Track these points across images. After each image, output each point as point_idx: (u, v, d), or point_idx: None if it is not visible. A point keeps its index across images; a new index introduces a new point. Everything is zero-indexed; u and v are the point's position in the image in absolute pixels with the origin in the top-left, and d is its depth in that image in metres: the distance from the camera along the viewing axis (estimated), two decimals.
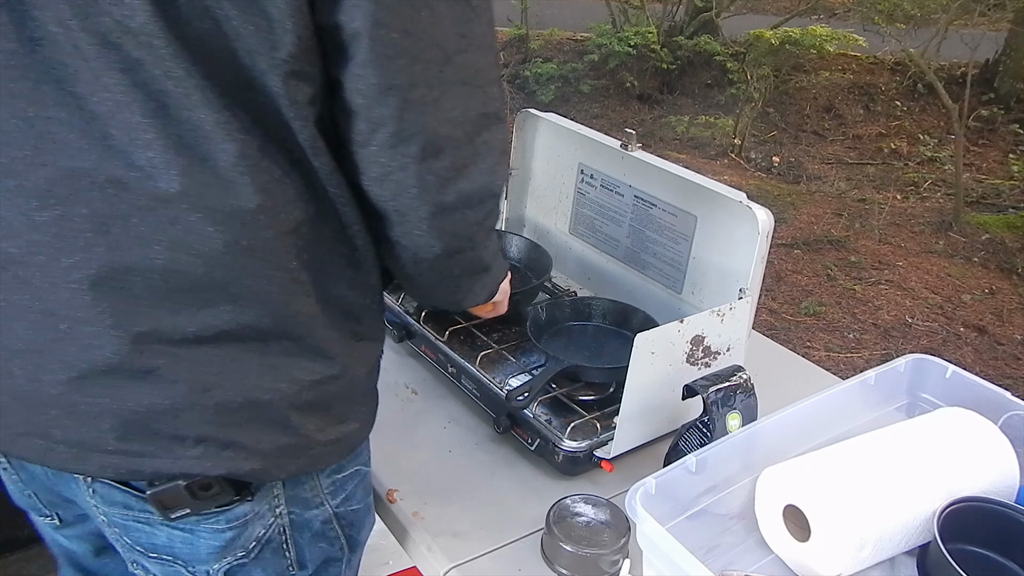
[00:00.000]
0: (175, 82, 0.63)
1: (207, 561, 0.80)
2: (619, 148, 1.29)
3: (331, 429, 0.80)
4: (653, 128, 5.96)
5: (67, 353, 0.69)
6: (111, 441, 0.71)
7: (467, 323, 1.29)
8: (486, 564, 0.95)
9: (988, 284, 3.90)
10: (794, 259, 4.07)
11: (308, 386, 0.76)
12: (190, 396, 0.71)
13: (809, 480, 0.87)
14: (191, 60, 0.63)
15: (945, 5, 5.26)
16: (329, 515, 0.87)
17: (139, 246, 0.67)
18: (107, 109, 0.63)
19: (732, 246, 1.17)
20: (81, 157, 0.65)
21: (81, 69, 0.63)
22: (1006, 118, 5.83)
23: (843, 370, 3.08)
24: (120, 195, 0.65)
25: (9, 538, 1.79)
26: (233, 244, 0.68)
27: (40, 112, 0.64)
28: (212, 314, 0.70)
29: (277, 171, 0.69)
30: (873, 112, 6.14)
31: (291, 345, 0.74)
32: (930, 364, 1.06)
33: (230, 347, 0.72)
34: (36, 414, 0.71)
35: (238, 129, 0.66)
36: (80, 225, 0.66)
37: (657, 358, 1.02)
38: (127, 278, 0.67)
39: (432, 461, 1.11)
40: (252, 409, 0.74)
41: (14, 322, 0.69)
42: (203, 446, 0.73)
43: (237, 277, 0.70)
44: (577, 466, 1.07)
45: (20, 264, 0.68)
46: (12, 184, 0.66)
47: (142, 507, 0.76)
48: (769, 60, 5.89)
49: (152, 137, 0.64)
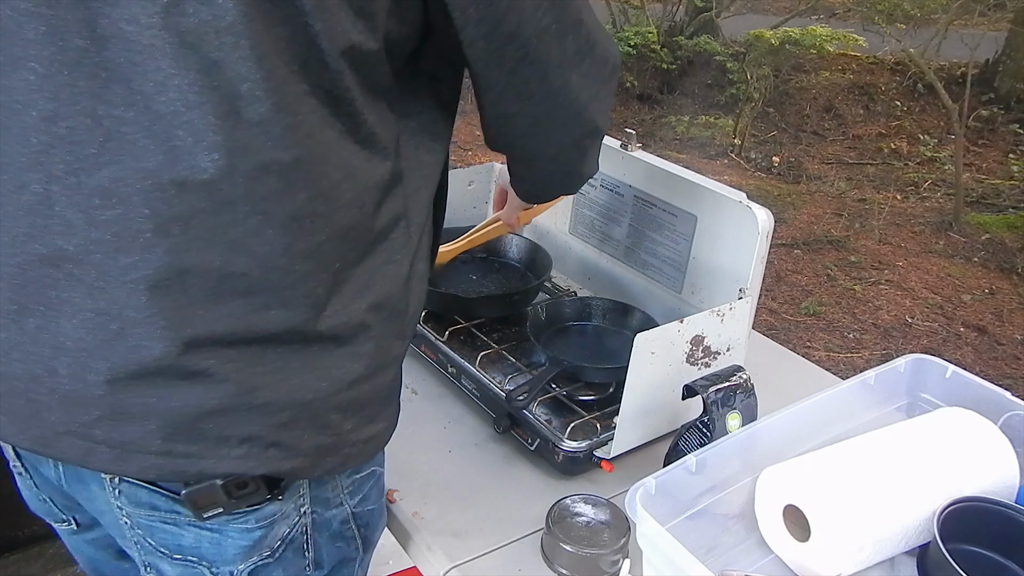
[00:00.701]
0: (251, 85, 0.64)
1: (233, 561, 0.80)
2: (619, 148, 1.29)
3: (364, 429, 0.81)
4: (653, 128, 5.96)
5: (116, 353, 0.69)
6: (156, 442, 0.71)
7: (467, 323, 1.29)
8: (486, 564, 0.95)
9: (988, 284, 3.90)
10: (794, 259, 4.07)
11: (346, 386, 0.77)
12: (237, 397, 0.71)
13: (809, 480, 0.87)
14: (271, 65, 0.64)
15: (945, 5, 5.26)
16: (347, 515, 0.88)
17: (198, 248, 0.67)
18: (174, 110, 0.63)
19: (732, 246, 1.17)
20: (146, 158, 0.65)
21: (151, 69, 0.63)
22: (1006, 118, 5.83)
23: (843, 370, 3.08)
24: (182, 197, 0.65)
25: (9, 538, 1.79)
26: (290, 247, 0.69)
27: (108, 110, 0.64)
28: (264, 317, 0.70)
29: (340, 175, 0.70)
30: (873, 112, 6.15)
31: (332, 345, 0.75)
32: (930, 364, 1.06)
33: (277, 348, 0.72)
34: (79, 414, 0.71)
35: (307, 134, 0.67)
36: (141, 225, 0.66)
37: (657, 358, 1.02)
38: (184, 280, 0.68)
39: (432, 461, 1.11)
40: (295, 409, 0.74)
41: (64, 320, 0.69)
42: (247, 446, 0.73)
43: (290, 281, 0.71)
44: (577, 466, 1.07)
45: (75, 262, 0.67)
46: (74, 181, 0.66)
47: (170, 507, 0.77)
48: (769, 60, 5.89)
49: (220, 140, 0.64)
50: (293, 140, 0.67)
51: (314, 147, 0.68)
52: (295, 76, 0.65)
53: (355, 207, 0.73)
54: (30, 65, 0.64)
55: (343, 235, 0.73)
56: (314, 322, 0.73)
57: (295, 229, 0.69)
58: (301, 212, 0.69)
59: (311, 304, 0.72)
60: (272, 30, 0.63)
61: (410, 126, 0.79)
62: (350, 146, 0.71)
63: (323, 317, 0.74)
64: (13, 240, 0.68)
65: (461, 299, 1.31)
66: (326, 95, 0.68)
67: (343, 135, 0.70)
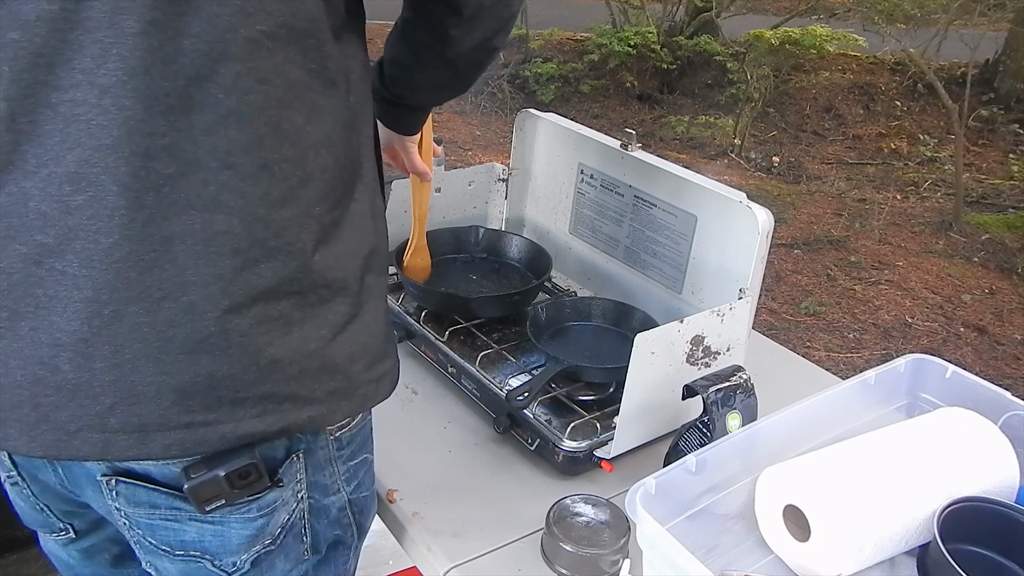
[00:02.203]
0: (192, 40, 0.63)
1: (236, 552, 0.80)
2: (619, 148, 1.29)
3: (375, 367, 0.82)
4: (653, 128, 5.96)
5: (116, 336, 0.68)
6: (174, 416, 0.71)
7: (467, 323, 1.29)
8: (486, 564, 0.95)
9: (988, 284, 3.90)
10: (794, 259, 4.07)
11: (341, 328, 0.77)
12: (245, 359, 0.71)
13: (809, 480, 0.87)
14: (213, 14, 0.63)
15: (945, 5, 5.26)
16: (345, 501, 0.89)
17: (176, 214, 0.67)
18: (118, 79, 0.63)
19: (732, 246, 1.17)
20: (104, 135, 0.64)
21: (87, 43, 0.62)
22: (1006, 118, 5.83)
23: (843, 370, 3.08)
24: (148, 166, 0.65)
25: (9, 538, 1.79)
26: (266, 196, 0.69)
27: (61, 96, 0.64)
28: (256, 272, 0.70)
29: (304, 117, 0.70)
30: (873, 112, 6.15)
31: (325, 292, 0.76)
32: (930, 364, 1.06)
33: (274, 304, 0.72)
34: (89, 407, 0.70)
35: (260, 79, 0.67)
36: (115, 203, 0.65)
37: (657, 358, 1.02)
38: (171, 248, 0.67)
39: (432, 461, 1.11)
40: (302, 361, 0.75)
41: (56, 316, 0.68)
42: (262, 404, 0.73)
43: (274, 231, 0.70)
44: (577, 466, 1.07)
45: (56, 254, 0.67)
46: (45, 173, 0.66)
47: (169, 504, 0.77)
48: (769, 60, 5.89)
49: (172, 101, 0.64)
50: (247, 87, 0.66)
51: (272, 91, 0.67)
52: (244, 21, 0.65)
53: (323, 147, 0.73)
54: None
55: (317, 177, 0.73)
56: (307, 270, 0.73)
57: (267, 177, 0.69)
58: (269, 159, 0.69)
59: (299, 251, 0.72)
60: None
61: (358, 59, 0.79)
62: (315, 85, 0.71)
63: (314, 263, 0.74)
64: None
65: (461, 299, 1.31)
66: (289, 33, 0.67)
67: (310, 75, 0.70)
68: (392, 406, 1.20)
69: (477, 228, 1.48)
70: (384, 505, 1.04)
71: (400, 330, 1.33)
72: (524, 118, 1.48)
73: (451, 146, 5.20)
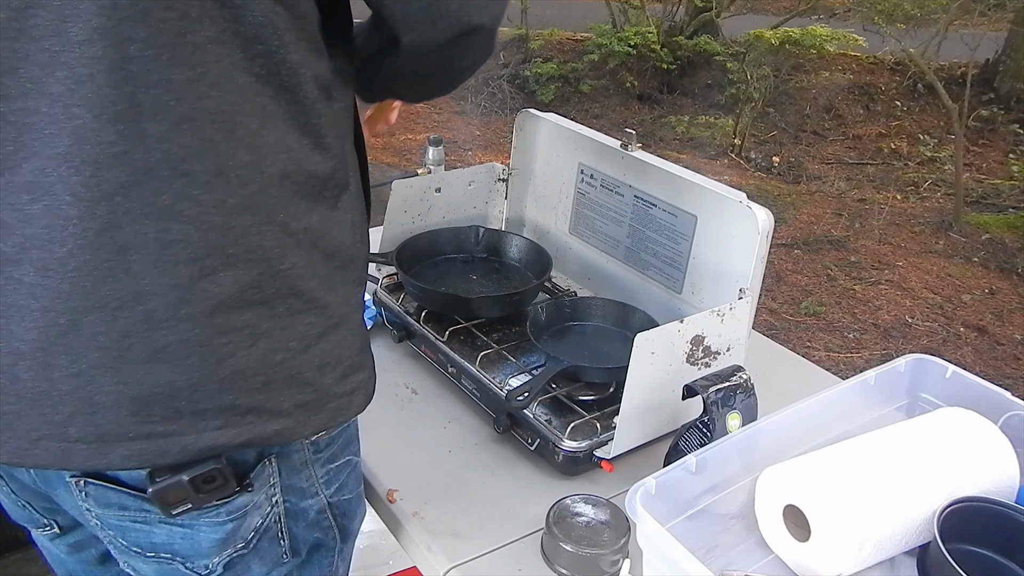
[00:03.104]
0: (140, 45, 0.62)
1: (208, 555, 0.80)
2: (619, 148, 1.29)
3: (347, 380, 0.80)
4: (653, 128, 5.96)
5: (73, 346, 0.68)
6: (133, 426, 0.70)
7: (467, 323, 1.29)
8: (486, 564, 0.95)
9: (988, 284, 3.90)
10: (794, 259, 4.07)
11: (315, 340, 0.76)
12: (204, 369, 0.71)
13: (809, 480, 0.87)
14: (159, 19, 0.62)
15: (945, 5, 5.26)
16: (323, 505, 0.88)
17: (130, 223, 0.66)
18: (66, 88, 0.62)
19: (732, 246, 1.17)
20: (55, 143, 0.63)
21: (33, 51, 0.62)
22: (1006, 118, 5.83)
23: (843, 370, 3.08)
24: (100, 175, 0.64)
25: (9, 538, 1.79)
26: (222, 203, 0.68)
27: (10, 105, 0.63)
28: (213, 281, 0.69)
29: (258, 122, 0.69)
30: (873, 112, 6.15)
31: (294, 302, 0.74)
32: (930, 364, 1.06)
33: (239, 314, 0.71)
34: (49, 416, 0.70)
35: (212, 84, 0.65)
36: (69, 212, 0.65)
37: (657, 358, 1.02)
38: (125, 258, 0.66)
39: (432, 461, 1.11)
40: (267, 372, 0.73)
41: (14, 324, 0.68)
42: (225, 416, 0.72)
43: (232, 238, 0.69)
44: (577, 466, 1.07)
45: (14, 263, 0.67)
46: (3, 182, 0.65)
47: (138, 506, 0.76)
48: (769, 60, 5.89)
49: (122, 108, 0.63)
50: (198, 93, 0.65)
51: (224, 96, 0.66)
52: (191, 25, 0.63)
53: (282, 153, 0.71)
54: None
55: (278, 183, 0.71)
56: (270, 279, 0.72)
57: (222, 184, 0.68)
58: (225, 165, 0.67)
59: (260, 259, 0.71)
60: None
61: (333, 66, 0.76)
62: (266, 91, 0.69)
63: (279, 272, 0.72)
64: None
65: (461, 299, 1.31)
66: (234, 37, 0.65)
67: (262, 79, 0.68)
68: (392, 406, 1.21)
69: (477, 228, 1.48)
70: (384, 505, 1.04)
71: (400, 330, 1.33)
72: (524, 118, 1.48)
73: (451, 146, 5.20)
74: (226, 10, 0.64)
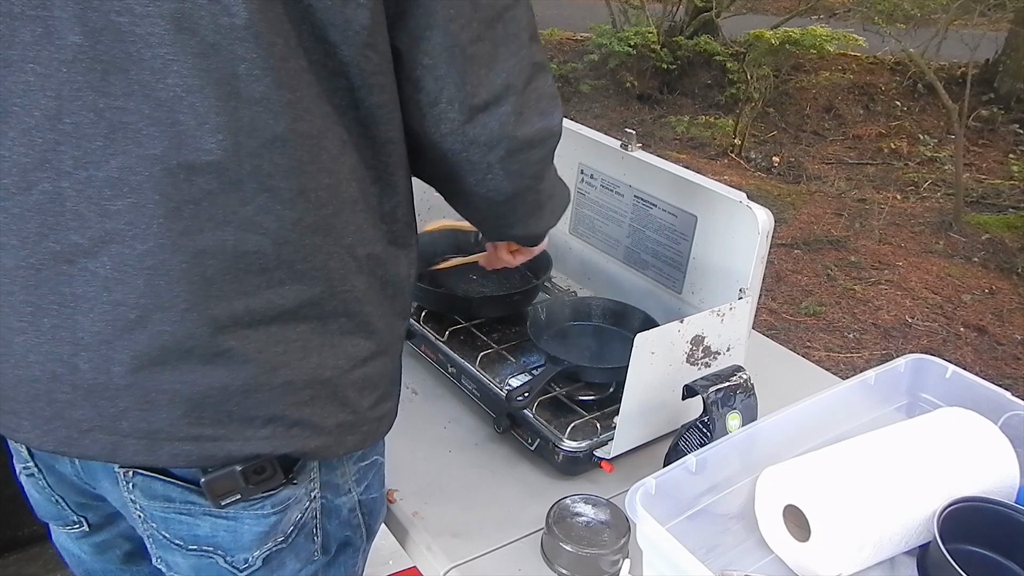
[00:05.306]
0: (249, 65, 0.65)
1: (249, 548, 0.81)
2: (619, 148, 1.29)
3: (380, 406, 0.84)
4: (653, 128, 5.96)
5: (138, 342, 0.69)
6: (184, 427, 0.72)
7: (467, 323, 1.29)
8: (486, 564, 0.95)
9: (988, 284, 3.90)
10: (794, 259, 4.07)
11: (360, 363, 0.79)
12: (260, 376, 0.73)
13: (809, 480, 0.87)
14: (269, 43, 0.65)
15: (945, 5, 5.26)
16: (355, 502, 0.89)
17: (211, 229, 0.68)
18: (175, 95, 0.65)
19: (732, 246, 1.17)
20: (152, 144, 0.66)
21: (148, 57, 0.64)
22: (1006, 118, 5.83)
23: (843, 370, 3.08)
24: (191, 179, 0.67)
25: (9, 538, 1.79)
26: (299, 222, 0.71)
27: (109, 103, 0.65)
28: (279, 293, 0.72)
29: (338, 148, 0.72)
30: (873, 112, 6.14)
31: (346, 322, 0.77)
32: (930, 364, 1.06)
33: (294, 326, 0.74)
34: (104, 408, 0.71)
35: (306, 109, 0.68)
36: (154, 211, 0.67)
37: (657, 358, 1.02)
38: (201, 262, 0.69)
39: (432, 461, 1.11)
40: (315, 387, 0.76)
41: (80, 316, 0.70)
42: (272, 426, 0.74)
43: (303, 255, 0.72)
44: (577, 466, 1.07)
45: (90, 255, 0.68)
46: (84, 176, 0.67)
47: (184, 498, 0.77)
48: (769, 60, 5.89)
49: (223, 120, 0.66)
50: (294, 115, 0.68)
51: (313, 121, 0.69)
52: (292, 52, 0.67)
53: (355, 180, 0.74)
54: (28, 67, 0.65)
55: (351, 208, 0.74)
56: (330, 297, 0.74)
57: (302, 203, 0.71)
58: (307, 186, 0.70)
59: (324, 278, 0.74)
60: (269, 9, 0.64)
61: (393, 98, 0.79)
62: (347, 119, 0.72)
63: (339, 292, 0.75)
64: (23, 242, 0.69)
65: (461, 299, 1.31)
66: (322, 69, 0.69)
67: (341, 110, 0.71)
68: None
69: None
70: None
71: None
72: None
73: None
74: (320, 44, 0.68)
